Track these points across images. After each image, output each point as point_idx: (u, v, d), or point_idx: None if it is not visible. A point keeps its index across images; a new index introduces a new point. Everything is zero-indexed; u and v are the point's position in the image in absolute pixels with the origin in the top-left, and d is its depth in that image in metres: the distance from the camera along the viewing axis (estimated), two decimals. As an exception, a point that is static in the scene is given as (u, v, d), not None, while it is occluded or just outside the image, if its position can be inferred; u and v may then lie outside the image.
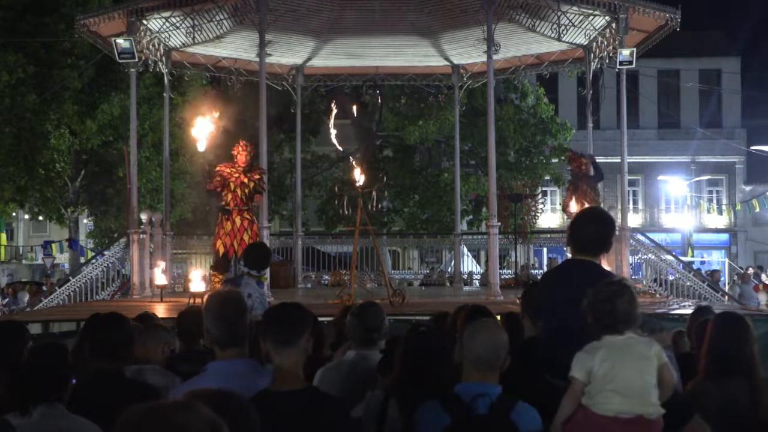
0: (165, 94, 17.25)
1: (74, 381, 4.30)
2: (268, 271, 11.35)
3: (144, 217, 15.27)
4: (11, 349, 4.66)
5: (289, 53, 18.21)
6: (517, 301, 5.69)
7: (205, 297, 4.57)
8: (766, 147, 33.75)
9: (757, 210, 32.68)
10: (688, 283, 15.31)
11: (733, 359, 4.74)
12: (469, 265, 23.27)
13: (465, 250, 21.96)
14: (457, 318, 5.65)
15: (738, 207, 36.72)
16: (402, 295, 12.28)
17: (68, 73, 21.90)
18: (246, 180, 12.40)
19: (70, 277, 16.08)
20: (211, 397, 2.37)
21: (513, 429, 3.75)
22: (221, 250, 12.33)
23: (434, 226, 29.89)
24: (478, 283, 21.05)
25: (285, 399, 3.55)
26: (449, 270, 22.48)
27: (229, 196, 12.41)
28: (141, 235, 14.92)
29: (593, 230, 4.85)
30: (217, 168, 12.71)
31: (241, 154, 12.56)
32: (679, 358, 5.90)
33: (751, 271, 26.53)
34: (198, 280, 12.13)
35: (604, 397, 3.80)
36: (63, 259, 35.64)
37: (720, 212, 41.53)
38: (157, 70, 16.78)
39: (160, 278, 13.70)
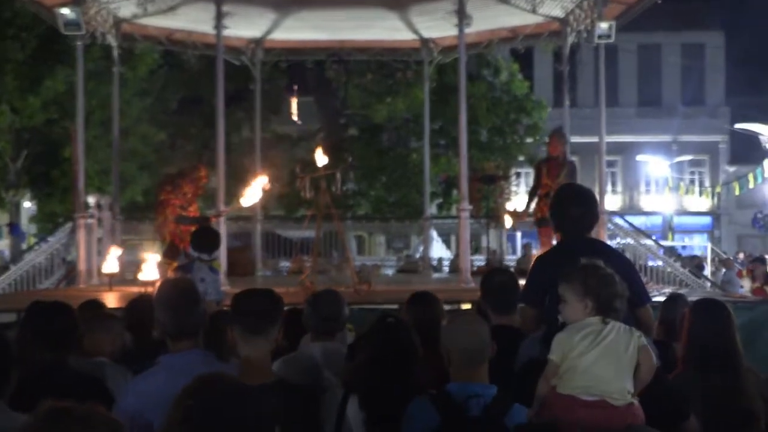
0: (114, 69, 17.10)
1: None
2: (221, 257, 11.39)
3: (92, 200, 15.17)
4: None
5: (247, 25, 18.05)
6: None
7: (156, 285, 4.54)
8: (750, 126, 34.04)
9: (738, 193, 32.93)
10: (668, 269, 15.45)
11: (714, 348, 4.77)
12: (439, 250, 23.32)
13: (435, 234, 22.01)
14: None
15: (718, 189, 37.02)
16: (368, 283, 12.34)
17: (9, 45, 21.60)
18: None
19: (11, 265, 15.93)
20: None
21: None
22: (168, 237, 12.47)
23: (402, 209, 29.93)
24: (447, 270, 21.12)
25: None
26: (418, 256, 22.51)
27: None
28: (88, 220, 14.82)
29: (577, 213, 4.93)
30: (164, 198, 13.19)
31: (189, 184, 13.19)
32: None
33: (741, 256, 26.76)
34: (151, 266, 12.11)
35: (567, 377, 3.84)
36: (2, 245, 35.26)
37: (702, 194, 41.90)
38: (106, 42, 16.62)
39: (110, 265, 13.61)
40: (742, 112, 39.77)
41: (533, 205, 14.09)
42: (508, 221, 17.20)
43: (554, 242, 14.28)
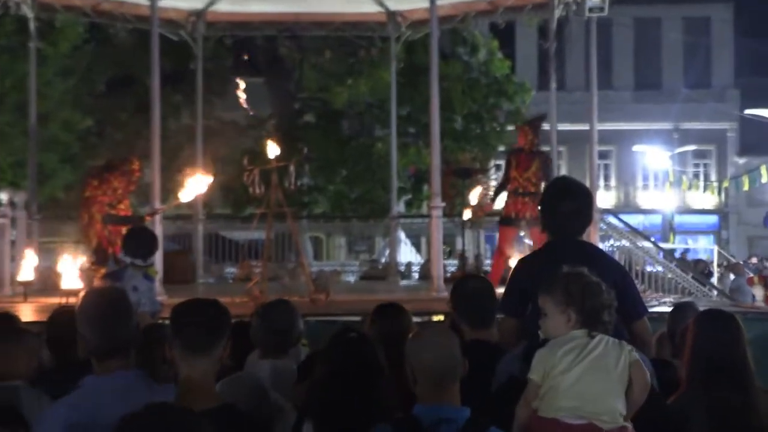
0: (31, 44, 16.96)
1: None
2: (157, 262, 11.35)
3: (4, 197, 15.06)
4: None
5: (186, -5, 18.04)
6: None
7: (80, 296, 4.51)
8: (762, 111, 34.18)
9: (747, 188, 33.05)
10: (669, 275, 15.56)
11: (719, 361, 4.78)
12: (407, 254, 23.35)
13: (402, 236, 22.05)
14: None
15: (725, 184, 37.21)
16: (326, 291, 12.39)
17: None
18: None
19: None
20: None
21: None
22: (94, 240, 12.42)
23: (365, 207, 29.91)
24: (417, 276, 21.17)
25: None
26: (383, 260, 22.55)
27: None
28: (0, 220, 14.72)
29: (569, 209, 4.94)
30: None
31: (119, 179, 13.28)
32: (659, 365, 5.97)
33: (753, 260, 26.90)
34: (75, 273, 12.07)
35: (549, 397, 3.86)
36: None
37: (707, 190, 42.07)
38: (21, 13, 16.49)
39: (26, 273, 13.53)
40: (753, 95, 40.01)
41: (500, 201, 14.22)
42: (467, 214, 17.27)
43: (516, 245, 14.45)
